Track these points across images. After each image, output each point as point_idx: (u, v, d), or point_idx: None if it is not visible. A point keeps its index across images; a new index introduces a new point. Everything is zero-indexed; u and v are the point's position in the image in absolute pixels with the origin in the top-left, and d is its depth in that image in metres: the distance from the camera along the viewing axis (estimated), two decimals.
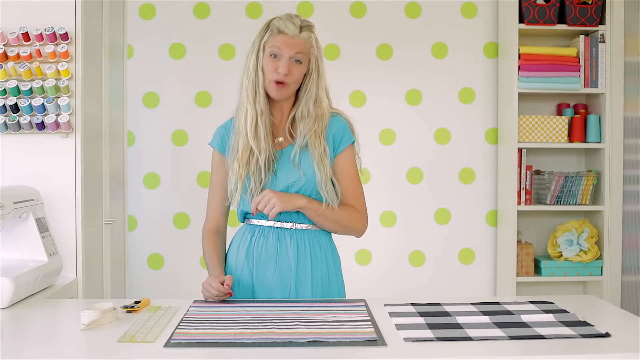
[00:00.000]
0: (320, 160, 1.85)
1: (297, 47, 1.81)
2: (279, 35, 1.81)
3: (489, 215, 3.53)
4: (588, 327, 1.47)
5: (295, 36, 1.81)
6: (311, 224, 1.89)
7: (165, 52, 3.44)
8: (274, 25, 1.83)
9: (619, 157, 3.28)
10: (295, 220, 1.88)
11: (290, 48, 1.80)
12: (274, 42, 1.81)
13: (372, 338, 1.38)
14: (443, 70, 3.49)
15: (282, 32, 1.81)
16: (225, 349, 1.33)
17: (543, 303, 1.71)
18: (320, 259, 1.89)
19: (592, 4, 3.24)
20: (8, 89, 2.21)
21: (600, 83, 3.29)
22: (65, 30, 2.22)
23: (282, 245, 1.86)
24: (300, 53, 1.81)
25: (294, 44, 1.81)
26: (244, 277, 1.89)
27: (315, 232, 1.90)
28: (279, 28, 1.82)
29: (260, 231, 1.90)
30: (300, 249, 1.86)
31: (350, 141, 1.92)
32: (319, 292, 1.86)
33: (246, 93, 1.86)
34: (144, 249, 3.45)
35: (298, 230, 1.88)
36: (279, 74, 1.81)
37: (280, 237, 1.87)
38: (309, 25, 1.85)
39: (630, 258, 3.24)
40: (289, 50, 1.80)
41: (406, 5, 3.48)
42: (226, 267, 1.97)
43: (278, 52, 1.81)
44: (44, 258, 2.02)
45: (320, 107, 1.87)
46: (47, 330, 1.57)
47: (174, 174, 3.46)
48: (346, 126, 1.93)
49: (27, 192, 2.09)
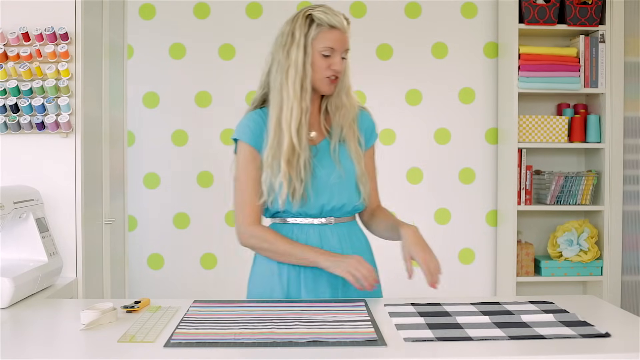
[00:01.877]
0: (356, 152, 1.84)
1: (347, 44, 1.79)
2: (331, 32, 1.76)
3: (489, 215, 3.53)
4: (588, 327, 1.47)
5: (345, 31, 1.78)
6: (347, 216, 1.87)
7: (165, 52, 3.44)
8: (322, 20, 1.75)
9: (619, 157, 3.28)
10: (335, 214, 1.85)
11: (342, 44, 1.78)
12: (326, 40, 1.75)
13: (372, 338, 1.38)
14: (443, 70, 3.49)
15: (334, 27, 1.76)
16: (225, 349, 1.32)
17: (543, 303, 1.71)
18: (360, 251, 1.88)
19: (592, 4, 3.24)
20: (8, 89, 2.21)
21: (600, 83, 3.29)
22: (65, 30, 2.22)
23: (325, 239, 1.83)
24: (348, 49, 1.80)
25: (345, 40, 1.78)
26: (292, 275, 1.82)
27: (350, 223, 1.89)
28: (329, 23, 1.75)
29: (299, 229, 1.84)
30: (343, 243, 1.84)
31: (375, 139, 1.93)
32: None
33: (293, 89, 1.76)
34: (144, 249, 3.45)
35: (337, 224, 1.85)
36: (334, 72, 1.78)
37: (322, 233, 1.84)
38: (345, 16, 1.82)
39: (630, 258, 3.24)
40: (341, 47, 1.78)
41: (406, 5, 3.48)
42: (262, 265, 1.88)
43: (331, 51, 1.77)
44: (44, 258, 2.02)
45: (351, 97, 1.85)
46: (47, 330, 1.57)
47: (174, 174, 3.46)
48: (373, 123, 1.94)
49: (27, 192, 2.09)
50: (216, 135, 3.45)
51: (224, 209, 3.46)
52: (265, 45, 3.49)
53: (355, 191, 1.85)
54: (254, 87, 3.44)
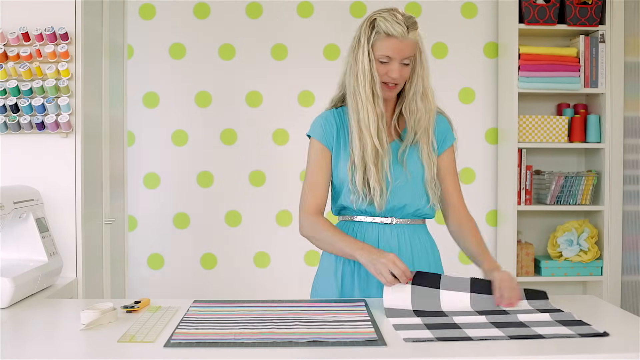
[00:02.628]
0: (428, 156, 1.83)
1: (407, 51, 1.76)
2: (388, 40, 1.75)
3: (489, 215, 3.53)
4: (585, 326, 1.47)
5: (404, 39, 1.75)
6: (410, 218, 1.88)
7: (165, 52, 3.44)
8: (380, 27, 1.75)
9: (619, 157, 3.28)
10: (396, 215, 1.86)
11: (400, 53, 1.75)
12: (383, 48, 1.75)
13: (372, 338, 1.38)
14: (443, 70, 3.49)
15: (390, 36, 1.75)
16: (225, 349, 1.33)
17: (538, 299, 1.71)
18: (421, 252, 1.88)
19: (592, 4, 3.24)
20: (8, 89, 2.21)
21: (600, 83, 3.29)
22: (65, 30, 2.23)
23: (383, 239, 1.84)
24: (410, 56, 1.78)
25: (404, 48, 1.75)
26: (346, 275, 1.86)
27: (414, 225, 1.89)
28: (386, 31, 1.74)
29: (360, 227, 1.87)
30: (401, 242, 1.85)
31: (452, 141, 1.92)
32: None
33: (364, 94, 1.78)
34: (144, 249, 3.45)
35: (398, 224, 1.86)
36: (390, 78, 1.78)
37: (381, 232, 1.85)
38: (413, 22, 1.78)
39: (630, 258, 3.24)
40: (399, 55, 1.76)
41: (406, 6, 3.48)
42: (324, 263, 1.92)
43: (388, 58, 1.76)
44: (44, 258, 2.02)
45: (427, 101, 1.84)
46: (47, 330, 1.57)
47: (174, 174, 3.46)
48: (449, 126, 1.94)
49: (27, 192, 2.09)
50: (216, 135, 3.45)
51: (224, 209, 3.46)
52: (265, 45, 3.52)
53: (420, 195, 1.85)
54: (254, 87, 3.48)
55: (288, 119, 3.45)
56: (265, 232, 3.47)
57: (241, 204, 3.47)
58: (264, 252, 3.48)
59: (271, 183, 3.47)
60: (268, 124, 3.47)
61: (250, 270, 3.47)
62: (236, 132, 3.46)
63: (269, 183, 3.47)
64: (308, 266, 3.45)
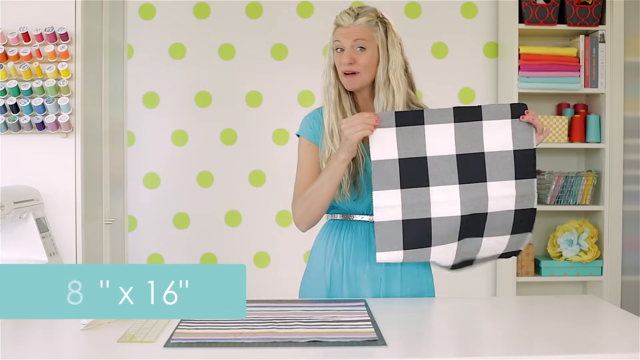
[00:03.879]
0: None
1: (355, 35, 1.79)
2: (338, 29, 1.82)
3: None
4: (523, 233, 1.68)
5: (350, 25, 1.80)
6: None
7: (165, 52, 3.44)
8: (334, 22, 1.84)
9: (619, 157, 3.28)
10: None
11: (347, 38, 1.79)
12: (335, 36, 1.82)
13: (372, 338, 1.38)
14: (443, 70, 3.49)
15: (339, 25, 1.81)
16: (225, 349, 1.32)
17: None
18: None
19: (592, 4, 3.24)
20: (8, 89, 2.21)
21: (600, 83, 3.29)
22: (65, 30, 2.23)
23: (371, 239, 1.84)
24: (360, 39, 1.79)
25: (351, 33, 1.79)
26: (334, 273, 1.86)
27: None
28: (336, 22, 1.82)
29: (349, 226, 1.87)
30: None
31: None
32: (408, 288, 1.85)
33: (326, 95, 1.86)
34: (144, 249, 3.45)
35: None
36: (344, 65, 1.80)
37: (369, 232, 1.85)
38: (365, 10, 1.81)
39: (630, 258, 3.24)
40: (348, 40, 1.79)
41: (406, 5, 3.48)
42: (312, 262, 1.93)
43: (340, 46, 1.80)
44: (44, 258, 2.02)
45: (390, 92, 1.82)
46: (47, 330, 1.57)
47: (174, 174, 3.46)
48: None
49: (27, 192, 2.09)
50: (216, 135, 3.45)
51: (224, 209, 3.46)
52: (264, 45, 3.52)
53: None
54: (254, 87, 3.48)
55: (288, 119, 3.45)
56: (265, 232, 3.47)
57: (241, 204, 3.47)
58: (264, 252, 3.48)
59: (271, 183, 3.47)
60: (268, 124, 3.47)
61: (250, 270, 3.47)
62: (236, 132, 3.46)
63: (269, 183, 3.47)
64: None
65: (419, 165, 1.67)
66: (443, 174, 1.67)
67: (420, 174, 1.68)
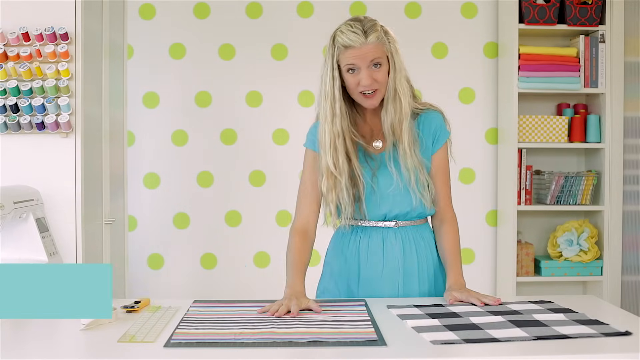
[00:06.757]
0: (412, 158, 1.80)
1: (370, 55, 1.73)
2: (348, 51, 1.72)
3: (489, 215, 3.53)
4: (604, 325, 1.46)
5: (363, 45, 1.72)
6: (414, 219, 1.87)
7: (165, 52, 3.44)
8: (339, 42, 1.74)
9: (619, 157, 3.28)
10: (399, 219, 1.85)
11: (363, 59, 1.72)
12: (346, 59, 1.73)
13: (372, 338, 1.38)
14: (443, 70, 3.49)
15: (349, 47, 1.72)
16: (225, 349, 1.32)
17: (543, 302, 1.70)
18: (426, 253, 1.87)
19: (592, 4, 3.24)
20: (8, 89, 2.21)
21: (600, 83, 3.29)
22: (65, 30, 2.23)
23: (387, 243, 1.84)
24: (376, 58, 1.74)
25: (366, 54, 1.72)
26: (351, 278, 1.87)
27: (418, 226, 1.88)
28: (344, 44, 1.73)
29: (363, 231, 1.87)
30: (406, 245, 1.85)
31: (446, 137, 1.90)
32: (425, 288, 1.85)
33: (324, 114, 1.79)
34: (144, 249, 3.45)
35: (402, 227, 1.86)
36: (363, 87, 1.75)
37: (385, 236, 1.85)
38: (372, 25, 1.74)
39: (630, 258, 3.24)
40: (364, 62, 1.73)
41: (406, 5, 3.48)
42: (327, 267, 1.94)
43: (354, 67, 1.74)
44: (44, 258, 2.02)
45: (397, 102, 1.79)
46: (47, 330, 1.57)
47: (174, 174, 3.46)
48: (441, 121, 1.90)
49: (27, 192, 2.09)
50: (216, 135, 3.45)
51: (224, 209, 3.46)
52: (265, 45, 3.52)
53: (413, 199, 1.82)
54: (254, 87, 3.48)
55: (288, 119, 3.45)
56: (265, 232, 3.47)
57: (241, 204, 3.47)
58: (264, 252, 3.48)
59: (271, 183, 3.47)
60: (268, 124, 3.47)
61: (250, 270, 3.47)
62: (236, 132, 3.46)
63: (269, 183, 3.47)
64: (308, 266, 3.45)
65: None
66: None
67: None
